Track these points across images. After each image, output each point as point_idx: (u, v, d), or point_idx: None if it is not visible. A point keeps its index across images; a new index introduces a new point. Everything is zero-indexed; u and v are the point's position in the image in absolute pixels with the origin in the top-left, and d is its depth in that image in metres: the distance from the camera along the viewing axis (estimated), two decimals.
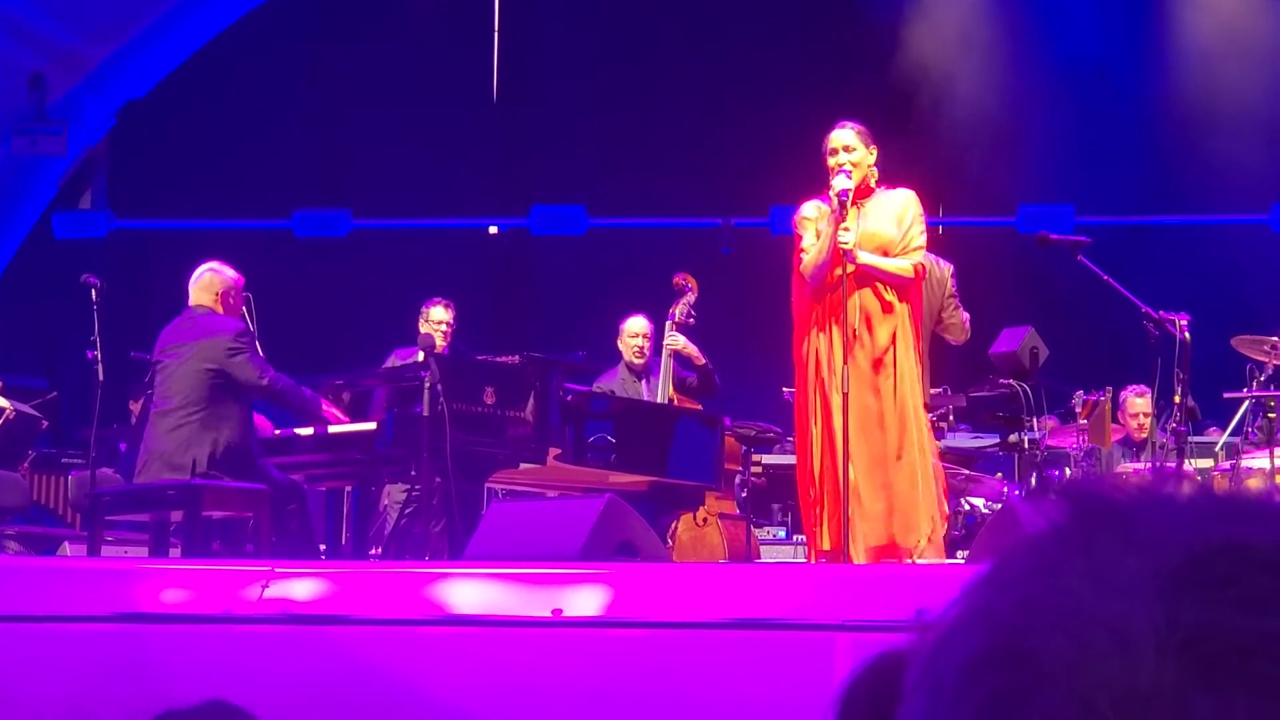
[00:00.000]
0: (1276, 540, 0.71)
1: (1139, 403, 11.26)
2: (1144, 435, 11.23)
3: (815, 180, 8.06)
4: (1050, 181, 15.14)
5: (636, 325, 10.70)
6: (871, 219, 7.91)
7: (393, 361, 10.30)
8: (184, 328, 9.00)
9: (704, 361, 10.43)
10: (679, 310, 10.35)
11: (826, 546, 7.68)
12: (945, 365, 9.27)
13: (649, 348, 10.63)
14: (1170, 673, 0.69)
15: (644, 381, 10.57)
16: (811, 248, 7.87)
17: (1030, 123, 14.91)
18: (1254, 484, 9.63)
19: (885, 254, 7.87)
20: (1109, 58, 15.25)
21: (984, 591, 0.74)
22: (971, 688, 0.71)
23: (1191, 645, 0.69)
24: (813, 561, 7.94)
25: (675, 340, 10.32)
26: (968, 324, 9.14)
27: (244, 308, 9.34)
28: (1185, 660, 0.69)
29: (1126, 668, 0.69)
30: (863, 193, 7.92)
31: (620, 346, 10.73)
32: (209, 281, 9.12)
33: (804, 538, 8.71)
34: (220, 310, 9.04)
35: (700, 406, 10.36)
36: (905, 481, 7.74)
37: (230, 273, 9.17)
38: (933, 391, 9.14)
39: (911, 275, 7.90)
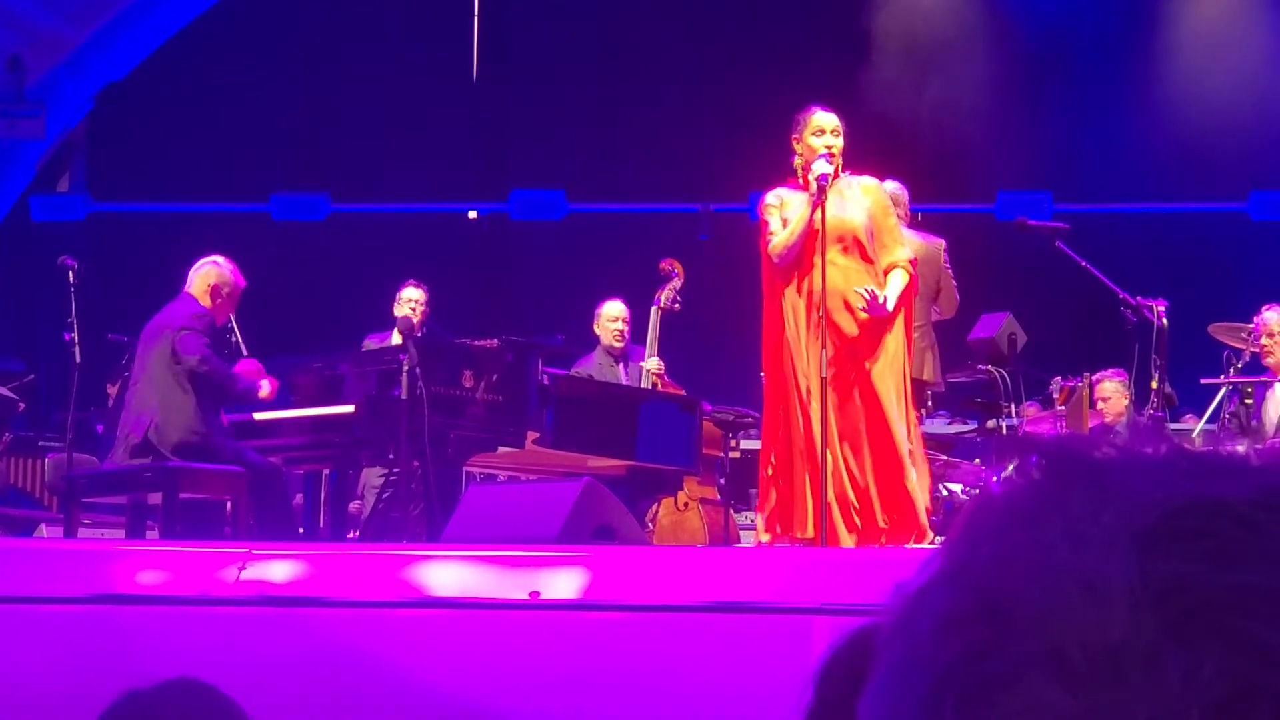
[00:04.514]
0: (1249, 495, 0.72)
1: (1107, 386, 11.28)
2: (1107, 419, 11.23)
3: (791, 156, 8.05)
4: (1029, 168, 15.17)
5: (615, 309, 10.69)
6: (840, 205, 7.89)
7: (367, 346, 10.28)
8: (164, 314, 9.00)
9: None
10: (664, 295, 10.36)
11: (810, 534, 7.66)
12: None
13: (628, 331, 10.63)
14: (1143, 627, 0.69)
15: (621, 365, 10.57)
16: (780, 231, 7.86)
17: (1009, 109, 14.93)
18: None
19: (856, 240, 7.85)
20: (1089, 45, 15.27)
21: (958, 548, 0.74)
22: (945, 642, 0.72)
23: (1164, 599, 0.69)
24: (763, 543, 7.94)
25: (655, 364, 10.38)
26: (956, 296, 9.20)
27: (231, 310, 9.34)
28: (1158, 614, 0.69)
29: (1099, 621, 0.69)
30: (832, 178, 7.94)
31: (598, 330, 10.72)
32: (206, 273, 9.12)
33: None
34: (207, 303, 9.02)
35: (683, 391, 10.38)
36: (890, 466, 7.75)
37: (228, 270, 9.14)
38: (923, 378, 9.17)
39: (910, 277, 7.93)
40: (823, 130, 7.87)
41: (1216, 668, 0.68)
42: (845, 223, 7.84)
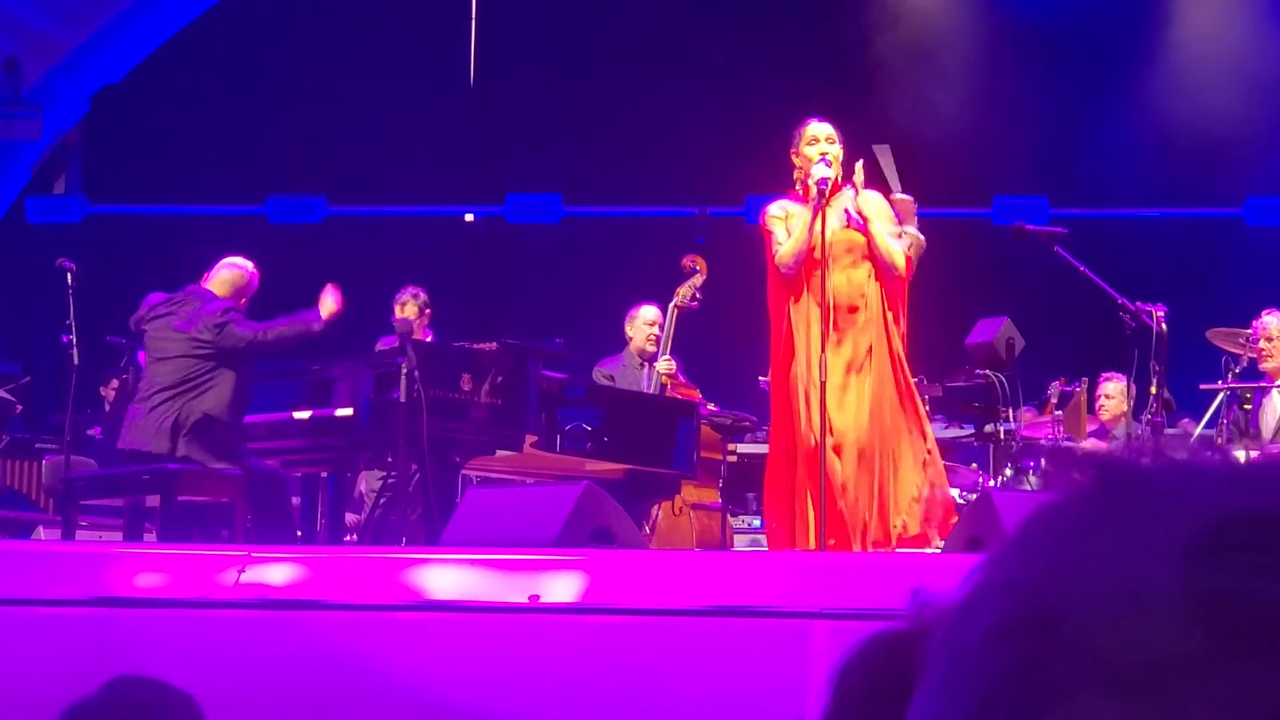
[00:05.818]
0: None
1: (1110, 386, 11.31)
2: (1105, 419, 11.27)
3: (790, 170, 8.07)
4: (1026, 173, 15.17)
5: (652, 313, 10.73)
6: (844, 218, 7.92)
7: (380, 349, 10.28)
8: (185, 308, 8.96)
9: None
10: (684, 292, 10.36)
11: (811, 545, 7.66)
12: (921, 355, 9.28)
13: (661, 337, 10.66)
14: (1191, 638, 0.69)
15: (646, 367, 10.60)
16: (786, 241, 7.90)
17: (1006, 114, 14.93)
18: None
19: (853, 253, 7.89)
20: (1085, 49, 15.28)
21: (1006, 559, 0.74)
22: (993, 653, 0.71)
23: (1212, 611, 0.69)
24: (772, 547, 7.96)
25: (666, 364, 10.38)
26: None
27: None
28: (1206, 626, 0.69)
29: (1147, 632, 0.69)
30: (833, 189, 7.95)
31: (632, 332, 10.72)
32: (235, 277, 9.16)
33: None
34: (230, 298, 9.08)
35: (698, 394, 10.39)
36: (892, 469, 7.77)
37: (250, 271, 9.19)
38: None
39: (903, 267, 7.95)
40: (817, 139, 7.94)
41: (1264, 679, 0.68)
42: (847, 234, 7.89)
